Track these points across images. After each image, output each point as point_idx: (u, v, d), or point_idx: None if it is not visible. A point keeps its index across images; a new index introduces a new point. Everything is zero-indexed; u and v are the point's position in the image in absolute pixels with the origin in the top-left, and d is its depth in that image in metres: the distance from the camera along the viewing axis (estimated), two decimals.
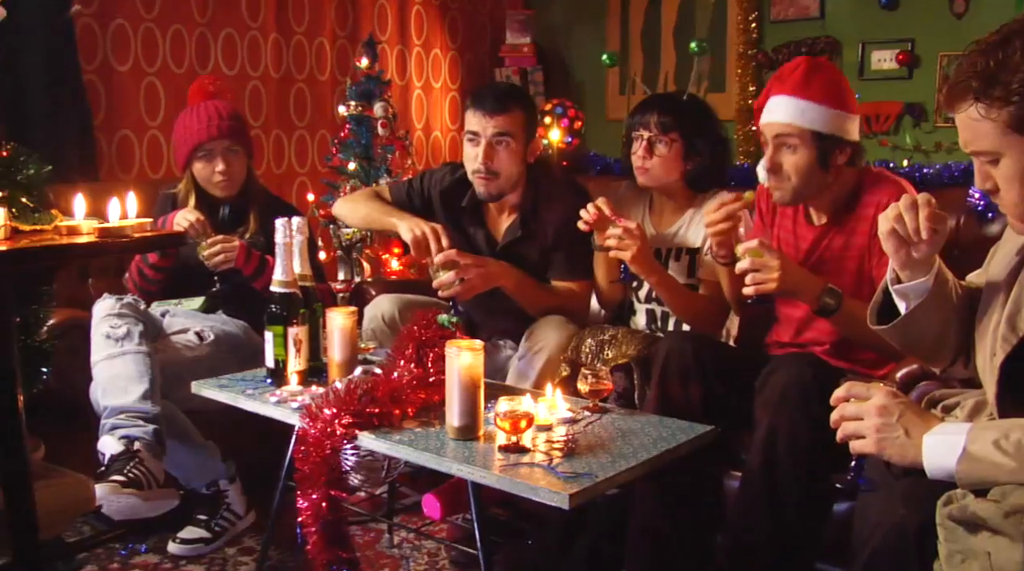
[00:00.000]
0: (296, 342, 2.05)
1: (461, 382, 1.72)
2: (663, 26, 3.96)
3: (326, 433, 1.78)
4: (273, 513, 2.09)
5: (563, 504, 1.51)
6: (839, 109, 2.03)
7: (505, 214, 2.54)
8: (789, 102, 2.03)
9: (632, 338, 2.26)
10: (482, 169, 2.39)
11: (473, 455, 1.67)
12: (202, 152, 2.55)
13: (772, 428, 1.92)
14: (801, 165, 2.04)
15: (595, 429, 1.83)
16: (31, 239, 1.14)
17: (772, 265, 1.93)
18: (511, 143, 2.39)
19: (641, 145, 2.39)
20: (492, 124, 2.37)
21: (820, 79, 2.04)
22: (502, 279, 2.39)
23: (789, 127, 2.02)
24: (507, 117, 2.38)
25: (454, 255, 2.30)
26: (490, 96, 2.41)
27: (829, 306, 1.97)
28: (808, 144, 2.02)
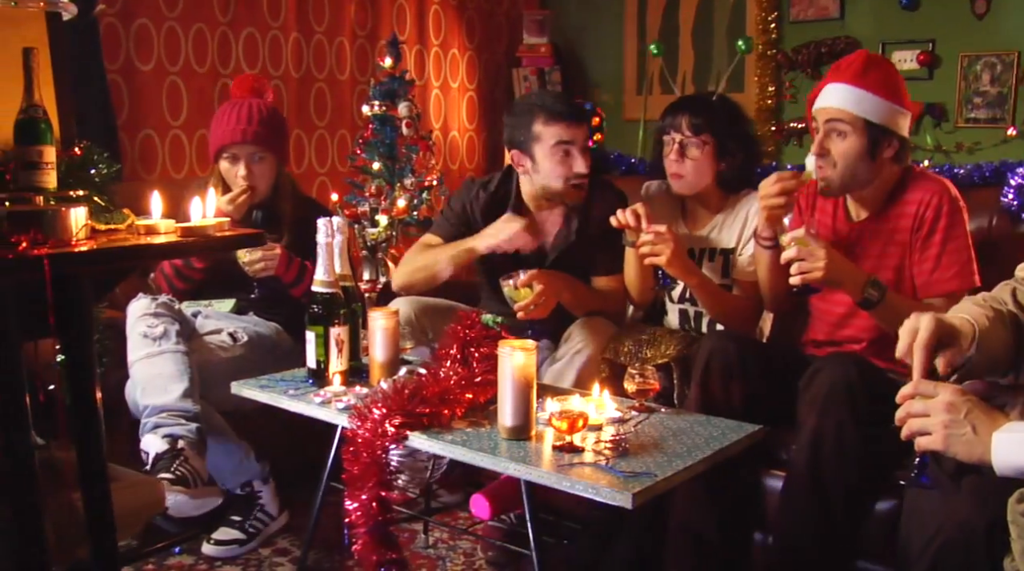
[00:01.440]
0: (338, 342, 2.05)
1: (514, 382, 1.72)
2: (681, 25, 3.97)
3: (376, 434, 1.78)
4: (315, 513, 2.09)
5: (626, 503, 1.51)
6: (892, 102, 2.05)
7: (551, 223, 2.53)
8: (845, 89, 2.05)
9: (671, 338, 2.27)
10: (583, 178, 2.41)
11: (529, 455, 1.66)
12: (227, 153, 2.55)
13: (818, 428, 1.92)
14: (850, 152, 2.05)
15: (644, 428, 1.83)
16: (109, 238, 1.14)
17: (818, 254, 1.94)
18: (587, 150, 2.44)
19: (673, 148, 2.39)
20: (583, 132, 2.41)
21: (877, 71, 2.07)
22: (564, 292, 2.38)
23: (842, 113, 2.04)
24: (586, 127, 2.44)
25: (536, 275, 2.28)
26: (572, 106, 2.44)
27: (873, 297, 1.98)
28: (859, 131, 2.04)
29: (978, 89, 3.31)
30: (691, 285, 2.36)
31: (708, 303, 2.38)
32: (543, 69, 4.13)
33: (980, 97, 3.31)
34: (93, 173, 1.24)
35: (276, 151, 2.60)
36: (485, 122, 4.26)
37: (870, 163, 2.06)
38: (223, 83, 3.34)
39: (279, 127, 2.62)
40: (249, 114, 2.52)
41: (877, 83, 2.04)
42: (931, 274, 2.07)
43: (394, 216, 3.10)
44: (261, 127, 2.52)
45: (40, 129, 1.11)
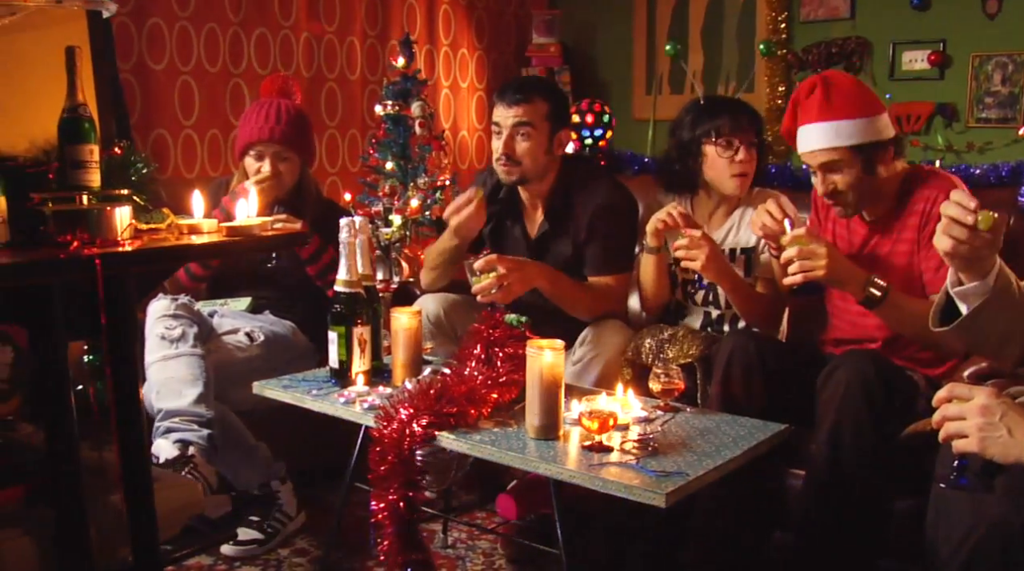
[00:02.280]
0: (361, 342, 2.04)
1: (543, 381, 1.72)
2: (691, 26, 3.97)
3: (404, 434, 1.77)
4: (338, 513, 2.08)
5: (660, 503, 1.51)
6: (866, 116, 2.05)
7: (539, 209, 2.54)
8: (819, 128, 2.06)
9: (693, 338, 2.26)
10: (503, 158, 2.41)
11: (559, 455, 1.66)
12: (253, 151, 2.54)
13: (836, 425, 1.93)
14: (852, 180, 2.07)
15: (671, 428, 1.83)
16: (152, 238, 1.14)
17: (819, 253, 1.95)
18: (531, 133, 2.39)
19: (741, 149, 2.35)
20: (512, 114, 2.38)
21: (838, 94, 2.06)
22: (538, 280, 2.35)
23: (827, 152, 2.05)
24: (528, 106, 2.38)
25: (494, 260, 2.28)
26: (511, 87, 2.43)
27: (874, 297, 1.99)
28: (851, 160, 2.05)
29: (989, 89, 3.32)
30: (724, 289, 2.35)
31: (742, 305, 2.37)
32: (552, 69, 4.13)
33: (991, 97, 3.32)
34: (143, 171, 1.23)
35: (300, 151, 2.61)
36: None
37: (874, 178, 2.08)
38: (235, 83, 3.33)
39: (305, 128, 2.63)
40: (277, 114, 2.53)
41: (844, 106, 2.04)
42: (936, 271, 2.08)
43: (408, 216, 3.09)
44: (288, 127, 2.54)
45: (84, 128, 1.10)
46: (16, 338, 1.61)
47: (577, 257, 2.48)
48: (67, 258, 1.01)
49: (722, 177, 2.40)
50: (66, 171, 1.11)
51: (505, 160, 2.40)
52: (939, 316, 1.63)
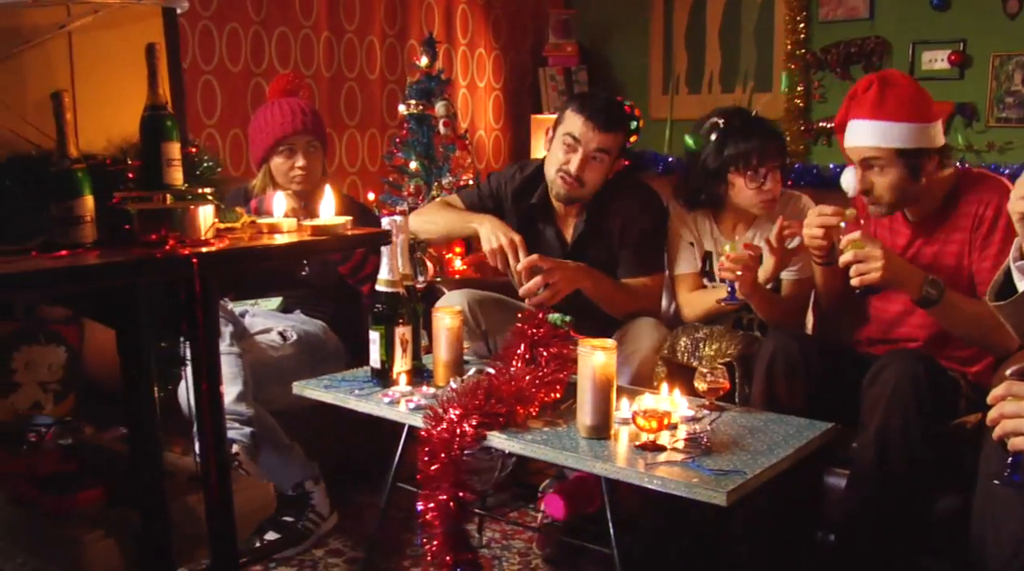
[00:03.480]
0: (403, 342, 2.04)
1: (595, 381, 1.72)
2: (708, 25, 3.97)
3: (454, 434, 1.77)
4: (381, 513, 2.07)
5: (720, 501, 1.51)
6: (918, 122, 2.04)
7: (574, 214, 2.54)
8: (869, 126, 2.05)
9: (731, 337, 2.27)
10: (571, 177, 2.41)
11: (614, 454, 1.66)
12: (283, 146, 2.53)
13: (884, 424, 1.93)
14: (892, 183, 2.07)
15: (720, 427, 1.83)
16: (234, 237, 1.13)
17: (875, 255, 1.95)
18: (606, 159, 2.42)
19: (769, 177, 2.36)
20: (597, 140, 2.39)
21: (895, 96, 2.05)
22: (583, 281, 2.38)
23: (872, 150, 2.05)
24: (612, 136, 2.40)
25: (537, 260, 2.28)
26: (604, 111, 2.41)
27: (931, 296, 1.99)
28: (894, 162, 2.05)
29: (1009, 89, 3.33)
30: (752, 302, 2.35)
31: (765, 310, 2.38)
32: (570, 68, 4.13)
33: (1012, 97, 3.33)
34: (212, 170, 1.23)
35: (324, 143, 2.61)
36: (511, 122, 4.26)
37: (915, 183, 2.07)
38: (256, 82, 3.32)
39: (323, 121, 2.66)
40: (297, 108, 2.54)
41: (897, 109, 2.03)
42: (991, 272, 2.07)
43: None
44: (312, 118, 2.56)
45: (166, 126, 1.09)
46: (69, 339, 1.61)
47: (613, 261, 2.49)
48: (163, 257, 1.00)
49: (749, 203, 2.40)
50: (148, 169, 1.10)
51: (573, 179, 2.40)
52: (996, 293, 1.63)
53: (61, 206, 1.02)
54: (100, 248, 1.04)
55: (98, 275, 0.99)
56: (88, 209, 1.03)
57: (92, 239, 1.04)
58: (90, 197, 1.04)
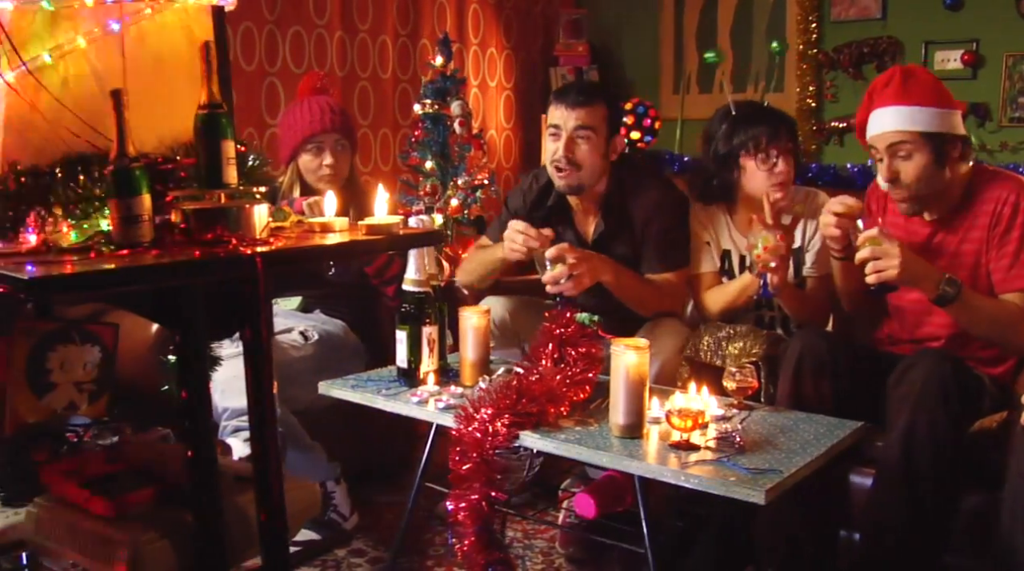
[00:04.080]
0: (430, 342, 2.04)
1: (628, 381, 1.72)
2: (719, 25, 3.98)
3: (486, 433, 1.77)
4: (409, 513, 2.07)
5: (759, 500, 1.52)
6: (941, 107, 2.06)
7: (592, 213, 2.52)
8: (894, 111, 2.06)
9: (754, 336, 2.27)
10: (562, 161, 2.38)
11: (648, 453, 1.66)
12: (311, 144, 2.53)
13: (911, 424, 1.93)
14: (919, 169, 2.06)
15: (750, 426, 1.83)
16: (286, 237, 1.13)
17: (893, 253, 1.95)
18: (592, 136, 2.38)
19: (780, 159, 2.35)
20: (574, 117, 2.36)
21: (917, 83, 2.07)
22: (605, 273, 2.35)
23: (898, 134, 2.05)
24: (589, 110, 2.37)
25: (566, 249, 2.27)
26: (573, 90, 2.42)
27: (948, 294, 1.99)
28: (921, 147, 2.04)
29: (1023, 88, 3.35)
30: (783, 296, 2.35)
31: (795, 309, 2.39)
32: (581, 68, 4.13)
33: None
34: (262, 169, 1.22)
35: (352, 142, 2.61)
36: (521, 121, 4.26)
37: (941, 172, 2.07)
38: (270, 81, 3.31)
39: (352, 120, 2.66)
40: (326, 106, 2.55)
41: (921, 94, 2.05)
42: (1008, 270, 2.09)
43: (448, 215, 3.08)
44: (341, 116, 2.57)
45: (222, 124, 1.09)
46: (104, 338, 1.60)
47: (636, 258, 2.47)
48: (228, 257, 0.99)
49: (762, 188, 2.40)
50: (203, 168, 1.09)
51: (565, 163, 2.38)
52: None
53: (121, 205, 1.01)
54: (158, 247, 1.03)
55: (168, 274, 0.99)
56: (146, 208, 1.03)
57: (150, 238, 1.03)
58: (147, 196, 1.03)
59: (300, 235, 1.18)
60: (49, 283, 0.90)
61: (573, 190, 2.44)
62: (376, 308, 2.69)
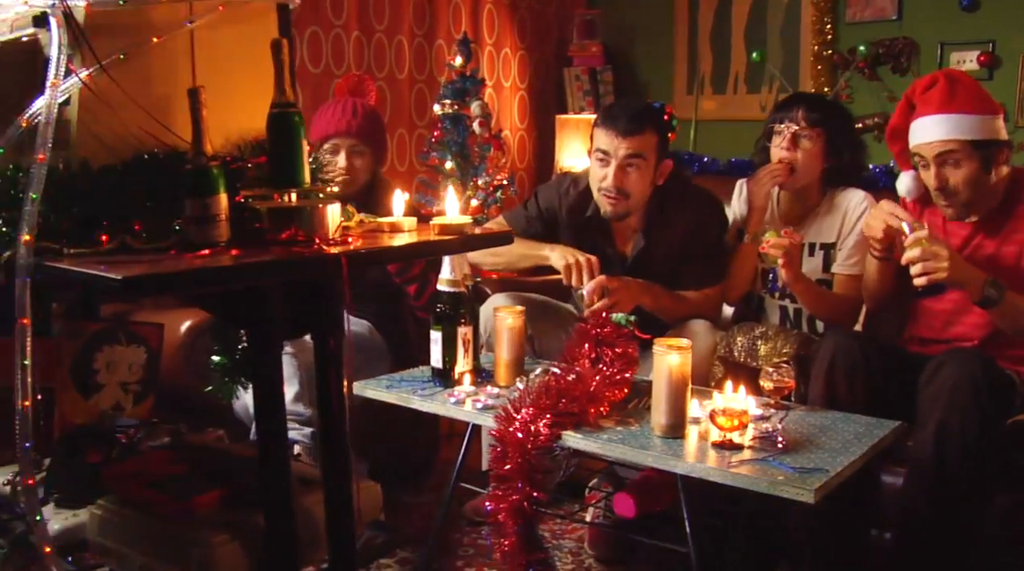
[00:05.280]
0: (465, 342, 2.03)
1: (672, 381, 1.72)
2: (733, 26, 3.98)
3: (528, 434, 1.76)
4: (443, 514, 2.07)
5: (808, 499, 1.52)
6: (988, 113, 2.08)
7: (631, 229, 2.50)
8: (942, 120, 2.07)
9: (786, 336, 2.27)
10: (612, 190, 2.36)
11: (693, 453, 1.67)
12: (327, 144, 2.53)
13: (943, 423, 1.94)
14: (969, 177, 2.08)
15: (789, 425, 1.84)
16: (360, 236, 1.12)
17: (942, 254, 1.96)
18: (642, 165, 2.35)
19: (786, 138, 2.39)
20: (624, 145, 2.32)
21: (963, 90, 2.09)
22: (644, 297, 2.36)
23: (949, 143, 2.07)
24: (640, 138, 2.33)
25: (605, 281, 2.27)
26: (623, 116, 2.34)
27: (993, 297, 2.00)
28: (970, 155, 2.07)
29: None
30: (796, 290, 2.37)
31: (812, 304, 2.40)
32: (595, 69, 4.13)
33: None
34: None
35: (375, 148, 2.60)
36: (535, 122, 4.26)
37: (988, 177, 2.10)
38: None
39: (379, 126, 2.64)
40: (353, 109, 2.54)
41: (967, 101, 2.06)
42: None
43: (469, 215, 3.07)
44: (363, 121, 2.54)
45: (294, 122, 1.08)
46: (149, 339, 1.60)
47: (672, 273, 2.46)
48: (313, 256, 0.99)
49: (772, 160, 2.44)
50: (275, 167, 1.08)
51: (615, 193, 2.35)
52: None
53: (197, 204, 1.00)
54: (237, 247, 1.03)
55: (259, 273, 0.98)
56: (223, 207, 1.02)
57: (226, 237, 1.03)
58: (224, 195, 1.03)
59: (369, 235, 1.17)
60: (143, 282, 0.90)
61: (619, 217, 2.43)
62: (400, 307, 2.69)
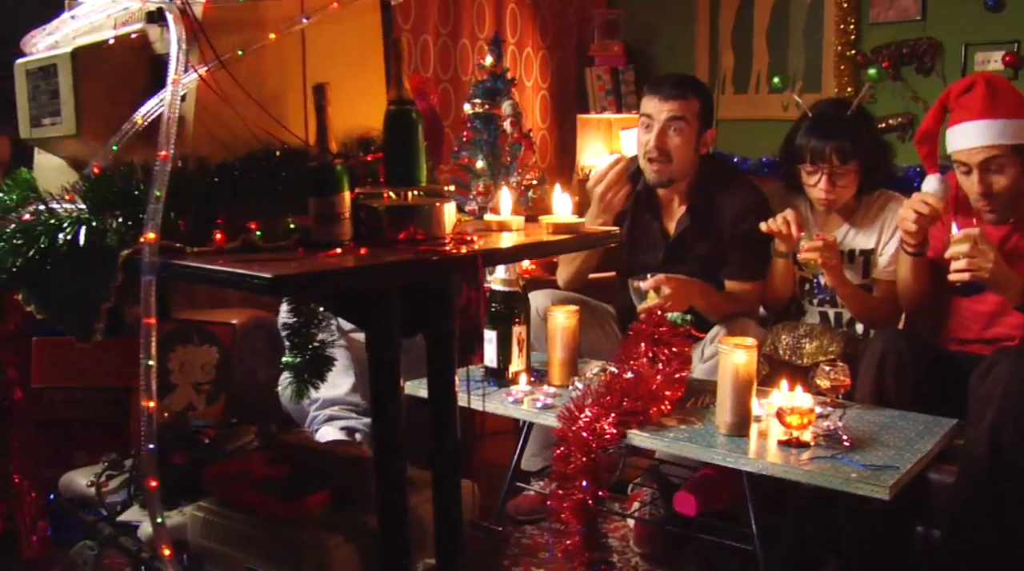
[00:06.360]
0: (519, 341, 2.04)
1: (737, 379, 1.73)
2: (756, 26, 4.00)
3: (592, 433, 1.77)
4: (499, 511, 2.07)
5: (883, 495, 1.54)
6: None
7: (676, 204, 2.53)
8: (984, 125, 2.08)
9: (831, 335, 2.28)
10: (654, 151, 2.40)
11: (762, 451, 1.67)
12: None
13: (997, 421, 1.95)
14: (1012, 181, 2.09)
15: (848, 423, 1.85)
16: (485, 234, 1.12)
17: (989, 255, 1.97)
18: (685, 128, 2.39)
19: (823, 179, 2.38)
20: (667, 108, 2.38)
21: (1004, 94, 2.10)
22: (697, 298, 2.36)
23: (992, 149, 2.07)
24: (683, 102, 2.39)
25: (663, 279, 2.27)
26: (667, 82, 2.44)
27: None
28: (1013, 159, 2.08)
29: None
30: (840, 294, 2.38)
31: (855, 308, 2.41)
32: (616, 68, 4.14)
33: None
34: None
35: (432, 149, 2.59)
36: (556, 121, 4.26)
37: None
38: None
39: (438, 128, 2.64)
40: None
41: (1008, 106, 2.07)
42: None
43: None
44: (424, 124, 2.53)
45: (412, 120, 1.08)
46: (222, 338, 1.59)
47: (715, 256, 2.48)
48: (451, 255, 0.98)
49: (811, 198, 2.45)
50: (392, 165, 1.08)
51: (657, 154, 2.39)
52: None
53: (323, 202, 1.00)
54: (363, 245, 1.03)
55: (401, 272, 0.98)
56: (346, 205, 1.01)
57: (349, 236, 1.02)
58: (347, 193, 1.02)
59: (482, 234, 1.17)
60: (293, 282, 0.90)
61: (664, 183, 2.45)
62: None
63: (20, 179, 1.29)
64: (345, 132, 1.14)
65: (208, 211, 1.01)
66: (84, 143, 1.13)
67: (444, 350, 1.15)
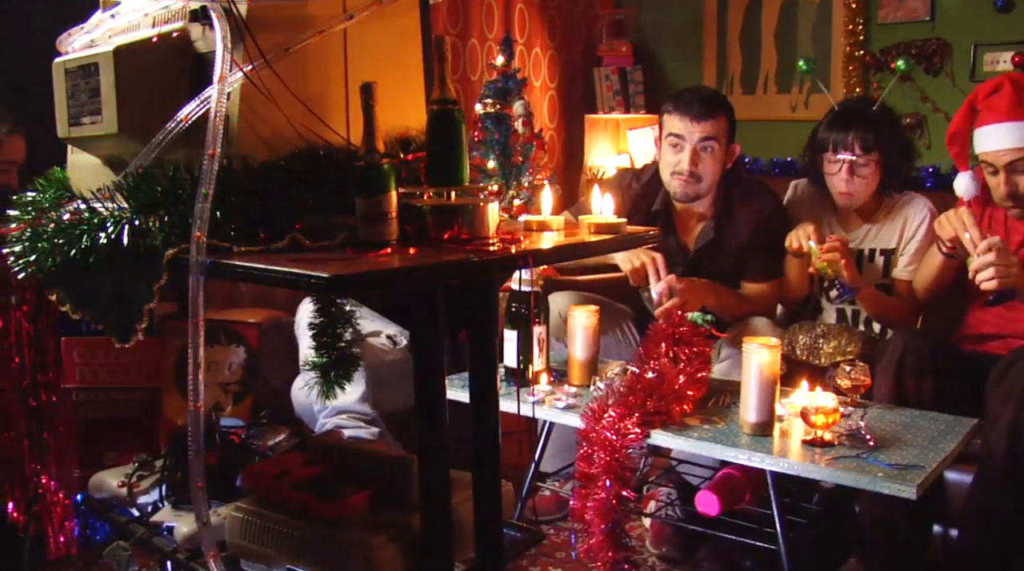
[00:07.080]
0: (540, 342, 2.04)
1: (761, 379, 1.74)
2: (764, 27, 4.00)
3: (616, 432, 1.77)
4: (519, 512, 2.07)
5: (910, 495, 1.54)
6: None
7: (695, 219, 2.54)
8: (1012, 128, 2.11)
9: (849, 335, 2.29)
10: (686, 173, 2.41)
11: (787, 450, 1.68)
12: None
13: (1017, 419, 1.96)
14: None
15: (871, 423, 1.85)
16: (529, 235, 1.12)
17: (1013, 261, 1.99)
18: (715, 147, 2.41)
19: (843, 168, 2.39)
20: (699, 129, 2.38)
21: None
22: (709, 298, 2.40)
23: (1020, 151, 2.10)
24: (712, 122, 2.39)
25: (675, 282, 2.30)
26: (696, 101, 2.41)
27: None
28: None
29: None
30: (861, 296, 2.39)
31: (873, 309, 2.42)
32: (625, 69, 4.14)
33: None
34: None
35: None
36: (564, 121, 4.26)
37: None
38: None
39: None
40: None
41: None
42: None
43: (513, 215, 3.07)
44: None
45: (455, 119, 1.08)
46: (249, 340, 1.59)
47: (736, 264, 2.50)
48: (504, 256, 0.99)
49: (832, 189, 2.44)
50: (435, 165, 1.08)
51: (689, 177, 2.41)
52: None
53: (370, 202, 1.00)
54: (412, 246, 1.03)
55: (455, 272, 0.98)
56: (393, 205, 1.01)
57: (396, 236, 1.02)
58: (394, 193, 1.02)
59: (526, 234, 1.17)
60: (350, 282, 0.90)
61: (690, 199, 2.47)
62: None
63: (54, 178, 1.29)
64: (385, 132, 1.14)
65: (254, 210, 1.01)
66: (124, 142, 1.13)
67: (486, 350, 1.15)
